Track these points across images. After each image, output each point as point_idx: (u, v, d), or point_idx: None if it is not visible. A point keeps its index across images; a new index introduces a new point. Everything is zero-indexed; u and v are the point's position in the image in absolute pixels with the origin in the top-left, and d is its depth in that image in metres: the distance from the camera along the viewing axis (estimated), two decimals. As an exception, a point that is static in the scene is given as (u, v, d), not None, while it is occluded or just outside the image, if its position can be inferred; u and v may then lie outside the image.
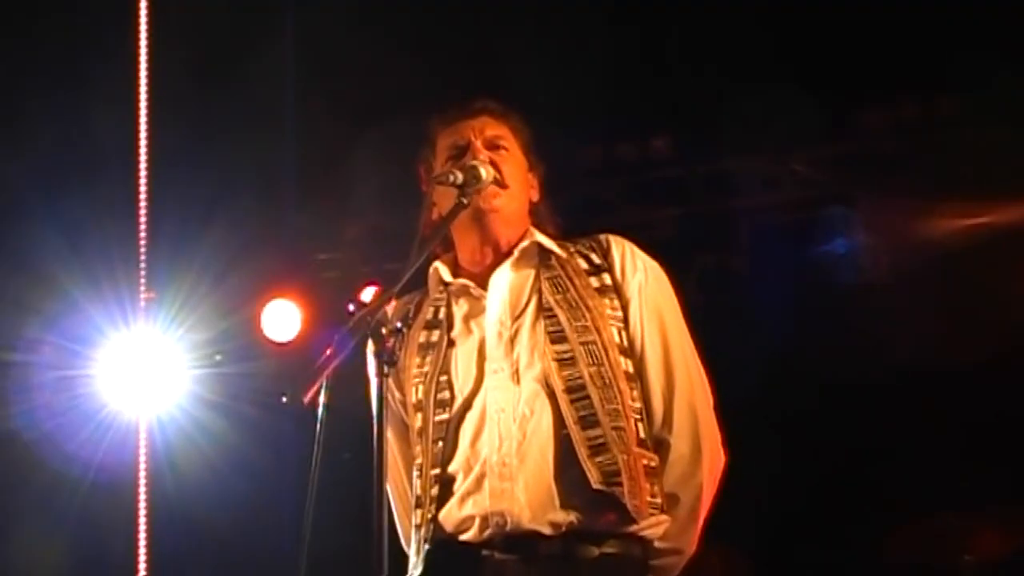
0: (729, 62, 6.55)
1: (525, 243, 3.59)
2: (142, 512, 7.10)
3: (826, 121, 6.82)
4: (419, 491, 3.49)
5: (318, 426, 2.97)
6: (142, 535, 7.09)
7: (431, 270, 3.63)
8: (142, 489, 7.11)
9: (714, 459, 3.53)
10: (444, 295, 3.62)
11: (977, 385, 6.46)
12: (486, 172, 3.49)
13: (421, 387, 3.52)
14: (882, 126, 6.94)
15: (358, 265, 7.61)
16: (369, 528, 2.90)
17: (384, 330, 3.00)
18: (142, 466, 7.14)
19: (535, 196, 3.71)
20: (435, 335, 3.56)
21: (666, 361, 3.52)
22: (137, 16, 6.55)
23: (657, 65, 6.51)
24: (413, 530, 3.50)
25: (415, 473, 3.52)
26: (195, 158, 6.87)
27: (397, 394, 3.61)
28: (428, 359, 3.53)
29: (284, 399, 2.91)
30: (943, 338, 6.64)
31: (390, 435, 3.61)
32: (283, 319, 7.60)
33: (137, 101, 6.68)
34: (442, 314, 3.59)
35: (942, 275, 6.74)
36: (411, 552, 3.49)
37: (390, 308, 3.60)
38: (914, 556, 6.29)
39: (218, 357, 7.47)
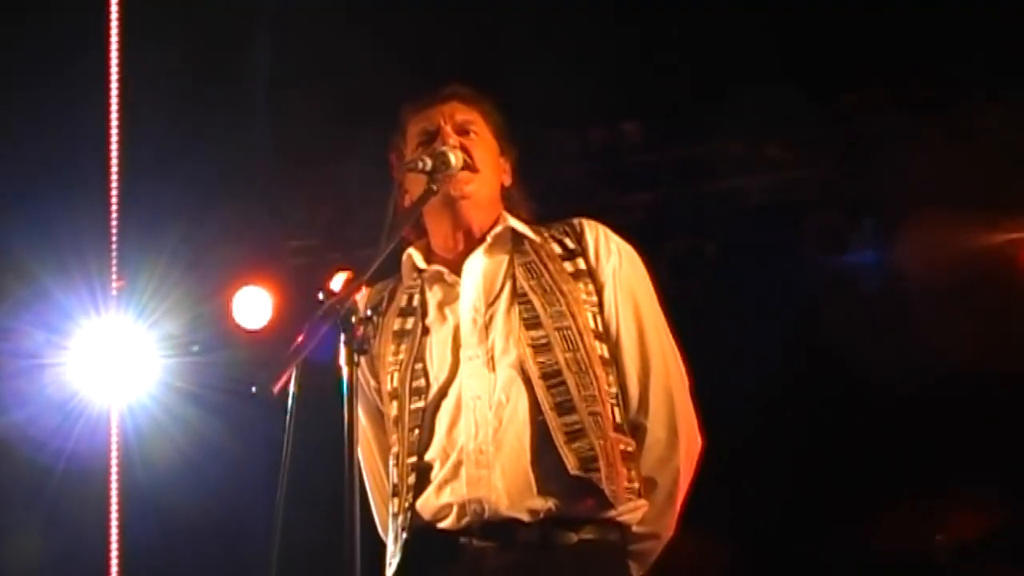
0: (702, 46, 6.55)
1: (498, 228, 3.57)
2: (114, 500, 7.08)
3: (799, 105, 6.82)
4: (396, 479, 3.47)
5: (287, 416, 2.95)
6: (114, 524, 7.06)
7: (404, 257, 3.61)
8: (114, 477, 7.09)
9: (691, 443, 3.52)
10: (418, 282, 3.60)
11: (947, 369, 6.49)
12: (455, 158, 3.47)
13: (396, 375, 3.50)
14: (856, 110, 6.95)
15: (329, 252, 7.59)
16: (341, 519, 2.88)
17: (354, 318, 2.97)
18: (114, 454, 7.12)
19: (507, 180, 3.69)
20: (409, 322, 3.55)
21: (641, 345, 3.51)
22: (109, 6, 6.50)
23: (629, 49, 6.49)
24: (391, 519, 3.49)
25: (391, 462, 3.50)
26: (166, 146, 6.83)
27: (372, 382, 3.59)
28: (403, 347, 3.52)
29: (253, 390, 2.88)
30: (915, 321, 6.68)
31: (366, 423, 3.63)
32: (254, 306, 7.58)
33: (108, 89, 6.64)
34: (416, 301, 3.57)
35: (909, 255, 6.77)
36: (389, 541, 3.49)
37: (362, 295, 3.60)
38: (888, 538, 6.33)
39: (195, 348, 7.46)
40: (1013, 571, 6.23)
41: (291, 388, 2.91)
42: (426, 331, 3.52)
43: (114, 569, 7.04)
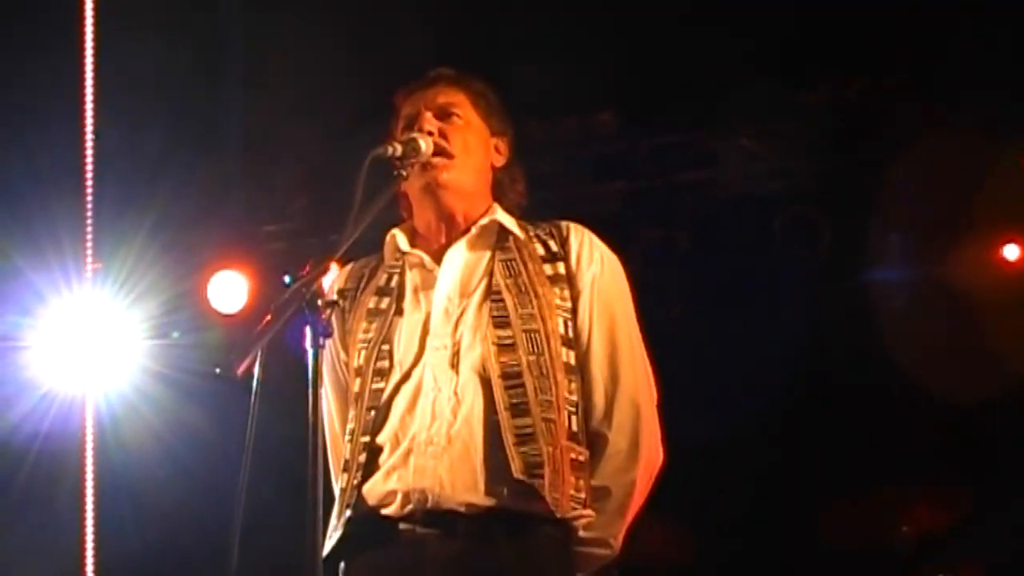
0: (675, 37, 6.56)
1: (485, 220, 3.56)
2: (89, 484, 7.07)
3: (773, 97, 6.84)
4: (347, 455, 3.47)
5: (252, 397, 2.97)
6: (89, 507, 7.06)
7: (388, 237, 3.60)
8: (89, 460, 7.08)
9: (651, 457, 3.49)
10: (399, 263, 3.59)
11: (916, 361, 6.53)
12: (425, 144, 3.45)
13: (363, 352, 3.50)
14: (827, 102, 6.97)
15: (305, 236, 7.59)
16: (305, 501, 2.91)
17: (320, 302, 2.98)
18: (89, 438, 7.10)
19: (499, 161, 3.66)
20: (384, 302, 3.54)
21: (612, 357, 3.48)
22: (84, -5, 6.50)
23: (603, 39, 6.50)
24: (338, 493, 3.48)
25: (347, 437, 3.50)
26: (141, 128, 6.82)
27: (343, 355, 3.59)
28: (374, 325, 3.51)
29: (217, 371, 2.90)
30: (888, 314, 6.72)
31: (332, 397, 3.63)
32: (230, 290, 7.58)
33: (82, 70, 6.62)
34: (394, 282, 3.56)
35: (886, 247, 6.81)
36: (333, 515, 3.46)
37: (342, 271, 3.63)
38: (852, 530, 6.36)
39: (175, 335, 7.46)
40: (978, 563, 6.27)
41: (256, 370, 2.92)
42: (399, 312, 3.51)
43: (89, 553, 7.02)
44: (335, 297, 3.07)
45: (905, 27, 6.45)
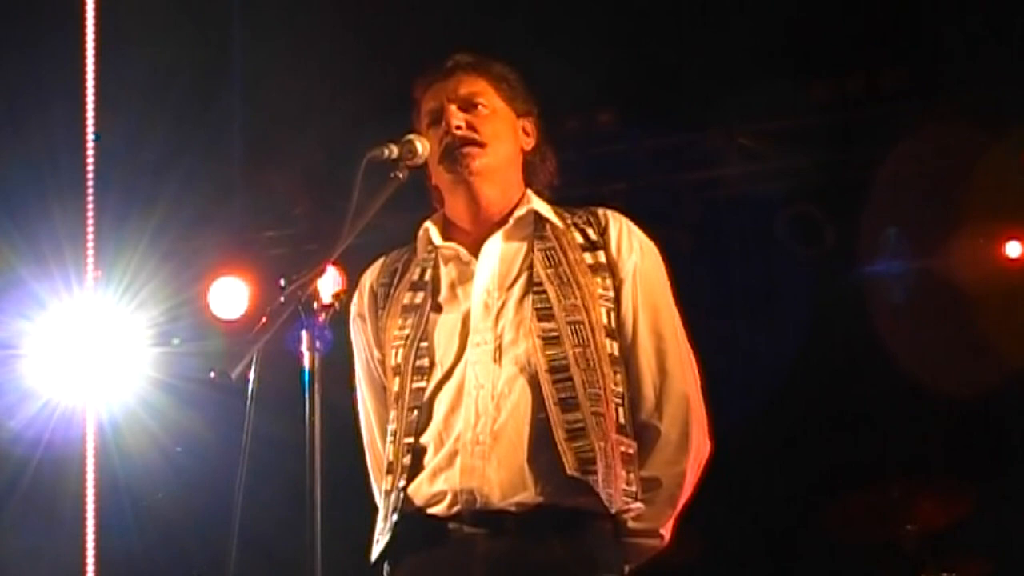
0: (678, 36, 6.55)
1: (521, 211, 3.51)
2: (90, 492, 7.05)
3: (774, 95, 6.82)
4: (391, 457, 3.43)
5: (247, 401, 2.95)
6: (90, 515, 7.04)
7: (421, 230, 3.56)
8: (90, 468, 7.06)
9: (700, 448, 3.48)
10: (432, 255, 3.54)
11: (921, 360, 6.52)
12: (422, 146, 3.41)
13: (401, 351, 3.45)
14: (828, 100, 6.96)
15: (306, 242, 7.58)
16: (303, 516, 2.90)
17: (315, 305, 2.97)
18: (90, 446, 7.08)
19: (528, 144, 3.62)
20: (419, 297, 3.49)
21: (659, 348, 3.45)
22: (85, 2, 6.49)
23: (604, 39, 6.48)
24: (383, 496, 3.45)
25: (389, 439, 3.46)
26: (142, 134, 6.82)
27: (377, 353, 3.55)
28: (410, 321, 3.46)
29: (212, 375, 2.88)
30: (892, 312, 6.70)
31: (368, 397, 3.60)
32: (231, 297, 7.57)
33: (83, 76, 6.62)
34: (428, 276, 3.51)
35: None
36: (379, 517, 3.45)
37: (377, 266, 3.61)
38: (857, 526, 6.34)
39: (176, 341, 7.45)
40: (983, 562, 6.25)
41: (251, 374, 2.91)
42: (436, 308, 3.46)
43: (90, 561, 7.01)
44: (331, 300, 3.03)
45: (904, 22, 6.44)
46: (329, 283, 3.10)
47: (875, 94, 6.86)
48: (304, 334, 2.96)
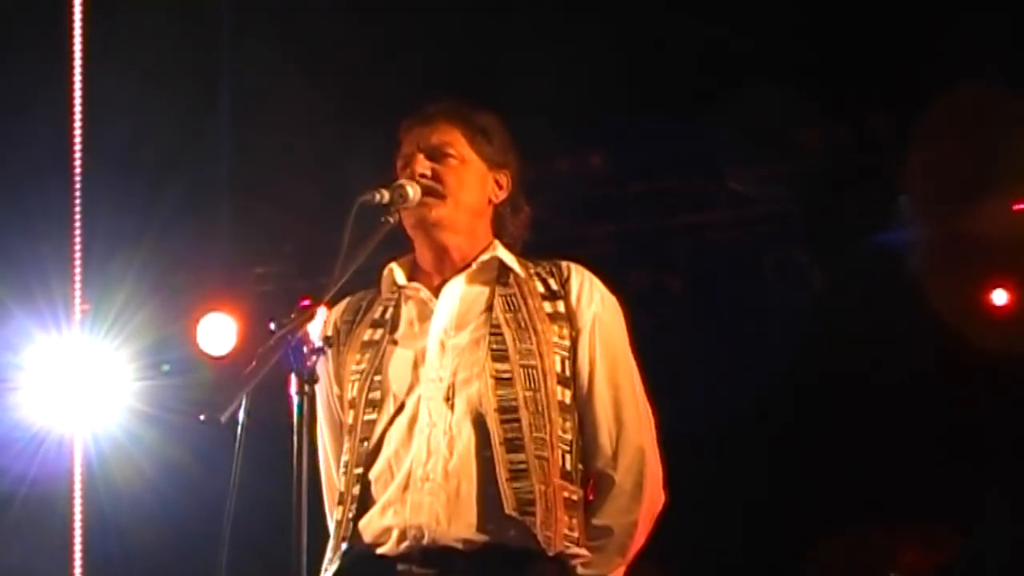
0: (666, 79, 6.57)
1: (486, 257, 3.53)
2: (77, 526, 7.04)
3: (761, 141, 6.86)
4: (342, 488, 3.45)
5: (236, 444, 2.96)
6: (77, 550, 7.03)
7: (386, 271, 3.58)
8: (77, 502, 7.05)
9: (654, 499, 3.49)
10: (395, 295, 3.57)
11: (900, 401, 6.54)
12: (413, 191, 3.43)
13: (356, 384, 3.47)
14: (817, 146, 6.99)
15: (295, 279, 7.59)
16: (290, 545, 2.90)
17: (305, 348, 2.98)
18: (77, 479, 7.08)
19: (499, 196, 3.61)
20: (378, 333, 3.52)
21: (616, 398, 3.47)
22: (71, 21, 6.49)
23: (594, 81, 6.50)
24: (335, 526, 3.46)
25: (342, 469, 3.48)
26: (129, 169, 6.82)
27: (336, 389, 3.56)
28: (367, 356, 3.49)
29: (202, 418, 2.88)
30: (875, 356, 6.72)
31: (326, 432, 3.61)
32: (219, 332, 7.58)
33: (71, 109, 6.63)
34: (389, 314, 3.54)
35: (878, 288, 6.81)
36: (329, 547, 3.45)
37: (342, 305, 3.61)
38: (840, 571, 6.35)
39: (166, 367, 7.46)
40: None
41: (240, 416, 2.92)
42: (393, 344, 3.49)
43: (77, 591, 7.01)
44: (326, 337, 3.05)
45: (894, 71, 6.47)
46: (319, 326, 3.11)
47: (867, 140, 6.89)
48: (293, 377, 2.97)
